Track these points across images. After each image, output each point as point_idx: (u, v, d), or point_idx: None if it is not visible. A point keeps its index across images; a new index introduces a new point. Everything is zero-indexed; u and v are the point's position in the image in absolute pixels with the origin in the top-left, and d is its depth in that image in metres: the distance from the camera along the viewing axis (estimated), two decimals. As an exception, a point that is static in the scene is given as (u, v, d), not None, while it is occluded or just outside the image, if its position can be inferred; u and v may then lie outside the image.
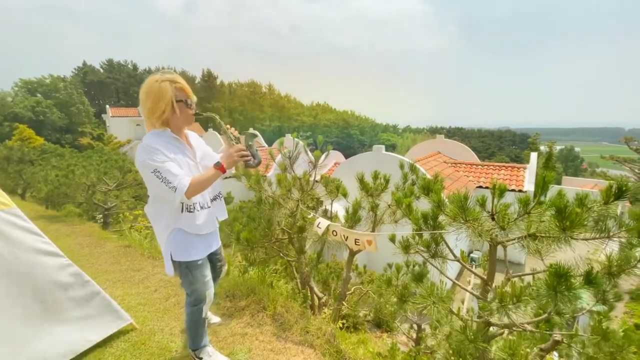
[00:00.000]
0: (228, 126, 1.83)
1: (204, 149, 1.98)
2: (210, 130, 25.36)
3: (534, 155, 12.22)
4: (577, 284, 1.66)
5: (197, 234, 1.80)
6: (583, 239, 1.67)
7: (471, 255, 9.99)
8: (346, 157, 14.75)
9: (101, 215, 6.79)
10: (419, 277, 1.85)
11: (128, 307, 2.84)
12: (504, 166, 12.17)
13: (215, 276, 2.18)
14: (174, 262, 1.82)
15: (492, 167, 12.19)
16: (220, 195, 2.01)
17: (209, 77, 50.00)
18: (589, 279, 1.68)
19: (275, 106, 54.79)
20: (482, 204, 1.64)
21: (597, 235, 1.65)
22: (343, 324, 5.20)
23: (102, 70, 42.16)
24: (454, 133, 53.71)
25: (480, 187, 11.09)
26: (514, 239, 1.89)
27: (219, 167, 1.64)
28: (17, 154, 9.10)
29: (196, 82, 49.22)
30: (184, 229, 1.75)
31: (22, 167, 9.20)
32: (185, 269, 1.83)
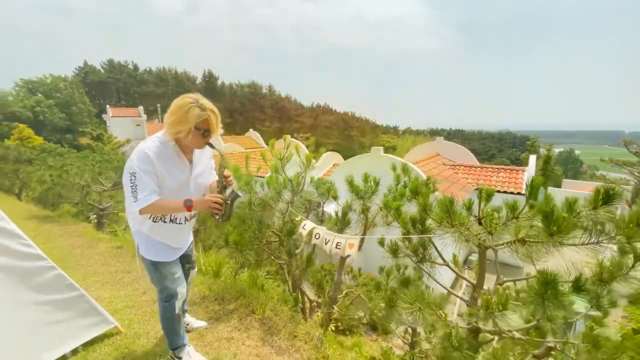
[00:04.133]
0: (227, 172, 1.83)
1: (206, 164, 1.97)
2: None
3: (532, 158, 12.19)
4: (566, 291, 1.62)
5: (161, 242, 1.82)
6: (571, 245, 1.63)
7: (469, 258, 9.93)
8: (346, 158, 14.70)
9: (95, 216, 6.75)
10: (405, 282, 1.80)
11: (115, 310, 2.81)
12: (502, 168, 12.11)
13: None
14: (141, 255, 1.86)
15: (491, 169, 12.13)
16: (197, 214, 2.10)
17: (210, 78, 50.09)
18: (579, 286, 1.64)
19: (276, 107, 54.78)
20: (469, 207, 1.60)
21: (586, 241, 1.61)
22: (337, 327, 5.14)
23: (102, 70, 42.18)
24: (454, 135, 53.70)
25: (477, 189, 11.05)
26: (502, 244, 1.86)
27: (187, 206, 1.64)
28: (14, 153, 9.07)
29: (197, 82, 49.29)
30: (144, 230, 1.78)
31: (19, 166, 9.17)
32: (152, 266, 1.85)
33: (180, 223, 1.86)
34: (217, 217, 1.73)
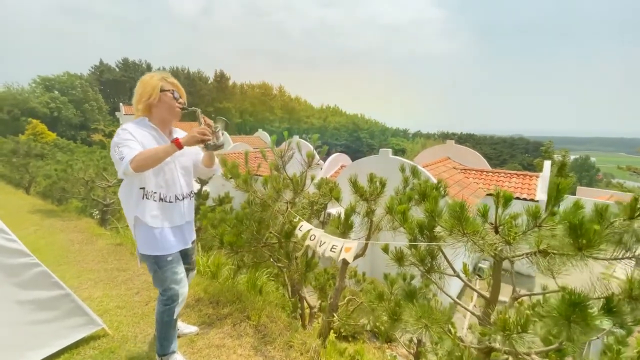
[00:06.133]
0: (205, 118, 1.76)
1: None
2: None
3: (547, 164, 11.78)
4: (595, 313, 1.42)
5: (159, 227, 1.73)
6: (602, 259, 1.43)
7: (479, 265, 9.61)
8: (354, 160, 14.50)
9: (98, 211, 6.72)
10: (411, 295, 1.62)
11: (105, 310, 2.70)
12: (515, 174, 11.75)
13: None
14: (142, 255, 1.77)
15: (503, 174, 11.79)
16: (192, 195, 1.93)
17: (221, 78, 50.44)
18: (610, 307, 1.44)
19: (285, 108, 54.90)
20: (484, 214, 1.42)
21: (620, 255, 1.41)
22: (340, 333, 4.95)
23: (117, 69, 42.95)
24: (465, 139, 52.88)
25: (491, 194, 10.72)
26: (522, 255, 1.66)
27: (174, 141, 1.58)
28: (24, 147, 9.15)
29: (209, 82, 49.73)
30: (140, 217, 1.69)
31: (29, 160, 9.25)
32: (154, 265, 1.76)
33: (170, 202, 1.77)
34: (210, 142, 1.69)
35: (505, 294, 1.98)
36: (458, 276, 1.88)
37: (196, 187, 5.86)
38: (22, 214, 5.90)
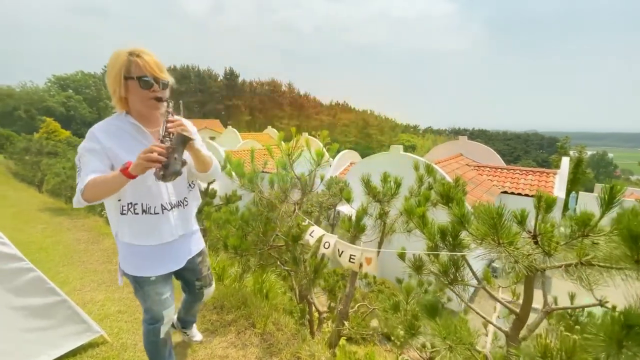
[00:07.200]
0: (172, 118, 1.26)
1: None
2: (230, 127, 25.34)
3: (565, 160, 11.33)
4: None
5: (142, 245, 1.44)
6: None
7: (492, 264, 9.31)
8: (364, 157, 14.25)
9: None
10: (432, 311, 1.44)
11: (105, 315, 2.59)
12: (531, 171, 11.33)
13: (194, 299, 1.86)
14: (123, 271, 1.52)
15: (518, 171, 11.37)
16: (185, 204, 1.56)
17: (230, 75, 50.62)
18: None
19: (295, 105, 54.79)
20: (521, 221, 1.22)
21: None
22: (350, 337, 4.79)
23: (128, 67, 43.48)
24: (477, 135, 51.88)
25: (505, 192, 10.36)
26: (560, 266, 1.47)
27: (123, 170, 1.16)
28: (36, 145, 9.23)
29: (219, 79, 49.97)
30: (120, 235, 1.44)
31: (40, 158, 9.32)
32: (135, 284, 1.52)
33: (156, 213, 1.42)
34: (160, 172, 1.15)
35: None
36: (484, 288, 1.69)
37: (202, 186, 5.74)
38: (32, 212, 5.92)
